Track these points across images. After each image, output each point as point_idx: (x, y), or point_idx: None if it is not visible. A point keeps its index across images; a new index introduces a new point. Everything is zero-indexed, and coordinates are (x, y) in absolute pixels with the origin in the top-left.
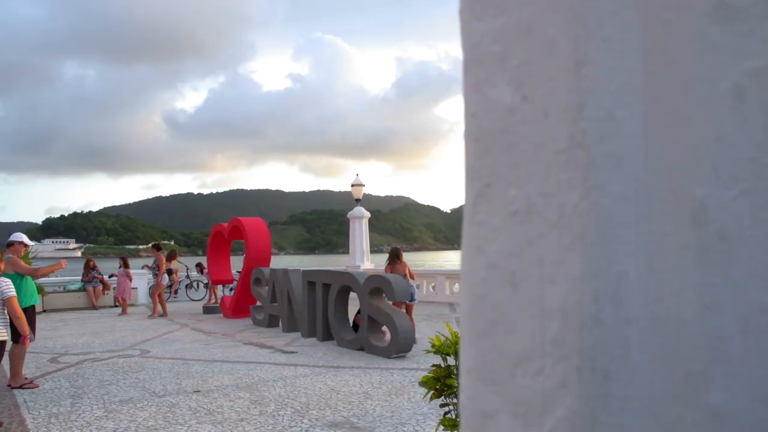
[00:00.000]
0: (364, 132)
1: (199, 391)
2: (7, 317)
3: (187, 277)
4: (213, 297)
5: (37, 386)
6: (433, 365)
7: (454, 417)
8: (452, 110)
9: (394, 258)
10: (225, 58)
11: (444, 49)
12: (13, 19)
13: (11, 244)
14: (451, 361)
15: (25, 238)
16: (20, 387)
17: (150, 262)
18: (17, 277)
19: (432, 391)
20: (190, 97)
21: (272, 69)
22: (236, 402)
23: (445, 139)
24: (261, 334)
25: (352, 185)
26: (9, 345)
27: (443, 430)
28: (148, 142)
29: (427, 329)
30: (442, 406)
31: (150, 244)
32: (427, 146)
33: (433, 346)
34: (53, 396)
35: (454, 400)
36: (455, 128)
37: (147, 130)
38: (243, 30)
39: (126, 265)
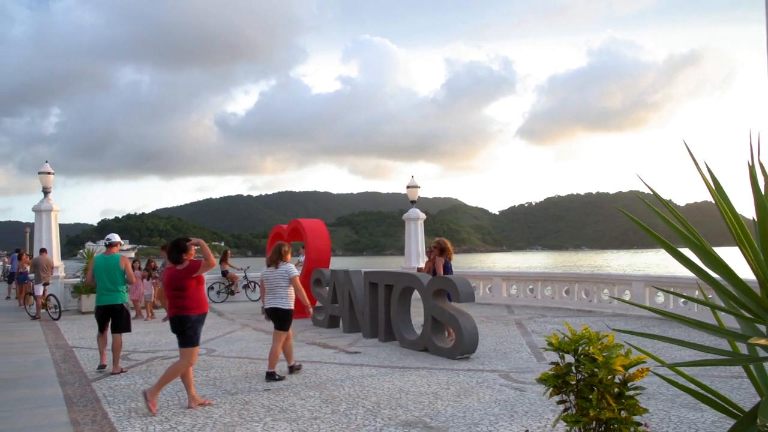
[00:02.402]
0: (413, 133)
1: (269, 390)
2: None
3: (245, 277)
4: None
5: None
6: (552, 362)
7: (574, 413)
8: (502, 111)
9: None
10: (277, 62)
11: (494, 50)
12: (73, 28)
13: (115, 244)
14: (569, 358)
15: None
16: (121, 371)
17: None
18: (123, 275)
19: (551, 388)
20: (242, 101)
21: (322, 71)
22: (307, 401)
23: (494, 140)
24: (322, 334)
25: (408, 187)
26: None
27: (565, 426)
28: (200, 145)
29: (487, 331)
30: (559, 402)
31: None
32: (476, 147)
33: (550, 344)
34: (130, 392)
35: (572, 397)
36: (505, 129)
37: (199, 133)
38: (294, 34)
39: (138, 267)
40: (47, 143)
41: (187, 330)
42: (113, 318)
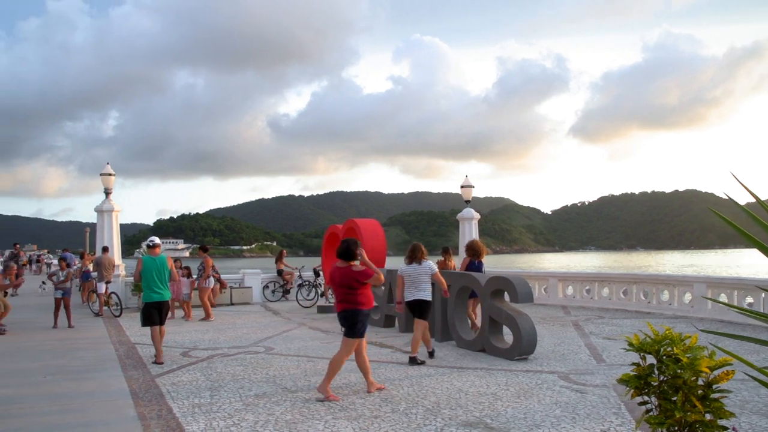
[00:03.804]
0: (464, 133)
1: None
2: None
3: (300, 276)
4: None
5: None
6: (633, 363)
7: (656, 415)
8: (555, 109)
9: (446, 253)
10: (329, 64)
11: (546, 47)
12: (131, 34)
13: (158, 245)
14: (650, 359)
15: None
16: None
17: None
18: (170, 273)
19: (633, 389)
20: (294, 102)
21: (373, 72)
22: (367, 399)
23: (547, 138)
24: (378, 333)
25: (462, 186)
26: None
27: (649, 428)
28: (253, 146)
29: (544, 332)
30: (641, 404)
31: (253, 245)
32: (528, 146)
33: (631, 344)
34: (192, 388)
35: (653, 399)
36: (558, 128)
37: (252, 134)
38: (346, 36)
39: (180, 266)
40: (106, 146)
41: (357, 323)
42: (162, 312)
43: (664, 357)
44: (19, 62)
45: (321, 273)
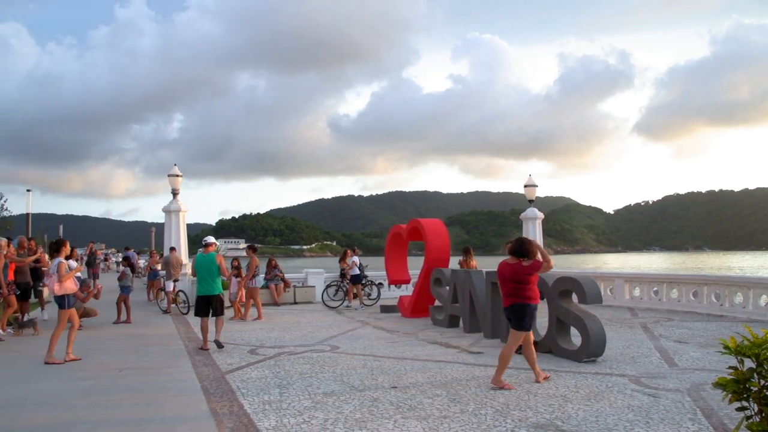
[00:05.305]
0: (525, 131)
1: (396, 387)
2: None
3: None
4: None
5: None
6: (730, 367)
7: (758, 421)
8: (618, 106)
9: (467, 254)
10: (388, 64)
11: (608, 43)
12: (195, 38)
13: (210, 244)
14: (748, 363)
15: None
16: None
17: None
18: (218, 270)
19: (730, 394)
20: (354, 102)
21: (433, 71)
22: (435, 399)
23: (609, 136)
24: (443, 333)
25: (525, 186)
26: None
27: None
28: (313, 147)
29: (612, 334)
30: (738, 410)
31: (313, 245)
32: (590, 144)
33: (727, 347)
34: (261, 385)
35: (753, 404)
36: (622, 125)
37: (312, 135)
38: (406, 35)
39: (237, 266)
40: (171, 147)
41: (525, 316)
42: (212, 305)
43: (765, 361)
44: (89, 69)
45: (346, 273)
